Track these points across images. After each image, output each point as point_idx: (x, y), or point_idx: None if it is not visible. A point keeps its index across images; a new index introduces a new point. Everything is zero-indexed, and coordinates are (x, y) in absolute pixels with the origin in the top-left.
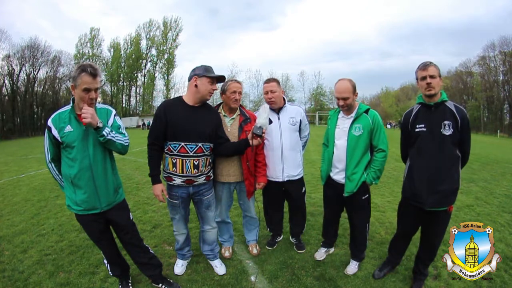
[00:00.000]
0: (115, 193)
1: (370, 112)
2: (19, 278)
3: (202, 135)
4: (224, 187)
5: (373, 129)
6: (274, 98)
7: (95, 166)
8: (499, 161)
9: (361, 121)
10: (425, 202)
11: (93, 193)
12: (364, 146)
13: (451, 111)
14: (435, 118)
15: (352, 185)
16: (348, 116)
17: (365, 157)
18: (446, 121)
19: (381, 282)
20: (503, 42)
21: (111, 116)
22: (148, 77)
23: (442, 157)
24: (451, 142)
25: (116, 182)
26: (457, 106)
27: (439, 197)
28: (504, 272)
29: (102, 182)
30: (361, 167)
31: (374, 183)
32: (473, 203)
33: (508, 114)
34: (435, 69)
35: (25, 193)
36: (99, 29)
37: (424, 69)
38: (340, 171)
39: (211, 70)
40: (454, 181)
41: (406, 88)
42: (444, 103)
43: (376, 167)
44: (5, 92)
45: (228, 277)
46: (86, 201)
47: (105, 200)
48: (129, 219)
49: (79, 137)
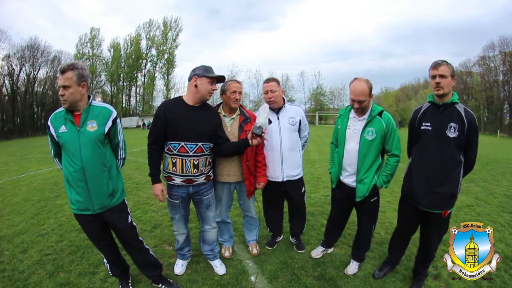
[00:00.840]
0: (109, 197)
1: (384, 116)
2: (19, 278)
3: (202, 135)
4: (224, 187)
5: (386, 133)
6: (274, 98)
7: (88, 169)
8: (499, 161)
9: (375, 125)
10: (421, 201)
11: (85, 194)
12: (377, 151)
13: (459, 113)
14: (442, 118)
15: (364, 189)
16: (361, 117)
17: (377, 161)
18: (452, 123)
19: (381, 282)
20: (503, 42)
21: (109, 120)
22: (148, 77)
23: (443, 159)
24: (455, 145)
25: (112, 186)
26: (466, 110)
27: (435, 198)
28: (504, 272)
29: (95, 185)
30: (372, 171)
31: (385, 187)
32: (473, 203)
33: (508, 114)
34: (446, 69)
35: (25, 193)
36: (99, 29)
37: (435, 68)
38: (351, 175)
39: (211, 70)
40: (452, 185)
41: (406, 88)
42: (454, 104)
43: (388, 171)
44: (5, 92)
45: (228, 277)
46: (79, 202)
47: (98, 203)
48: (127, 222)
49: (71, 138)
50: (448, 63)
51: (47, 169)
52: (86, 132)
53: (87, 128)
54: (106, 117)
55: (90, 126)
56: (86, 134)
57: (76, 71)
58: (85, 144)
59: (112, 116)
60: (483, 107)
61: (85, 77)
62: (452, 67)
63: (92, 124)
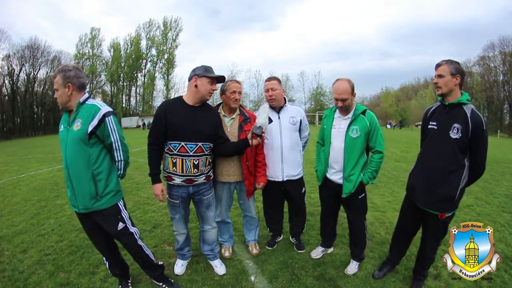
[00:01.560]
0: (92, 199)
1: (367, 114)
2: (19, 278)
3: (202, 135)
4: (224, 187)
5: (370, 131)
6: (274, 96)
7: (71, 168)
8: (499, 161)
9: (359, 123)
10: (420, 199)
11: (71, 192)
12: (361, 148)
13: (464, 115)
14: (446, 118)
15: (350, 186)
16: (345, 117)
17: (362, 158)
18: (456, 124)
19: (381, 282)
20: (503, 42)
21: (94, 119)
22: (148, 77)
23: (444, 159)
24: (458, 147)
25: (97, 188)
26: (474, 112)
27: (434, 198)
28: (504, 272)
29: (77, 185)
30: (358, 168)
31: (371, 183)
32: (473, 203)
33: (508, 114)
34: (445, 68)
35: (25, 193)
36: (100, 29)
37: (436, 68)
38: (337, 172)
39: (211, 71)
40: (452, 188)
41: (406, 88)
42: (462, 105)
43: (373, 168)
44: (5, 92)
45: (228, 277)
46: (69, 198)
47: (81, 203)
48: (116, 229)
49: (62, 137)
50: (451, 62)
51: (47, 169)
52: (72, 131)
53: (73, 127)
54: (92, 115)
55: (76, 125)
56: (71, 133)
57: (61, 74)
58: (69, 143)
59: (98, 114)
60: (483, 107)
61: (70, 78)
62: (455, 66)
63: (77, 123)
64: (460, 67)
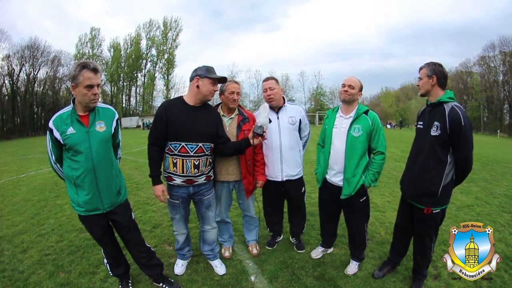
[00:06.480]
0: (118, 194)
1: (370, 114)
2: (19, 278)
3: (202, 135)
4: (223, 186)
5: (372, 130)
6: (273, 96)
7: (98, 169)
8: (499, 161)
9: (361, 122)
10: (406, 192)
11: (95, 194)
12: (363, 148)
13: (443, 112)
14: (429, 117)
15: (350, 188)
16: (347, 115)
17: (364, 159)
18: (436, 122)
19: (381, 282)
20: (503, 42)
21: (114, 121)
22: (148, 77)
23: (426, 156)
24: (437, 144)
25: (118, 183)
26: (453, 109)
27: (417, 192)
28: (504, 272)
29: (104, 184)
30: (360, 169)
31: (373, 185)
32: (473, 203)
33: (508, 114)
34: (423, 71)
35: (25, 193)
36: (100, 29)
37: (418, 71)
38: (337, 173)
39: (213, 71)
40: (433, 184)
41: (406, 88)
42: (443, 104)
43: (375, 169)
44: (5, 92)
45: (228, 277)
46: (88, 203)
47: (108, 202)
48: (132, 218)
49: (81, 139)
50: (429, 64)
51: (47, 169)
52: (96, 132)
53: (96, 129)
54: (111, 118)
55: (99, 126)
56: (97, 134)
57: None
58: (97, 144)
59: (115, 118)
60: (483, 107)
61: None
62: (432, 67)
63: (101, 125)
64: (438, 68)
